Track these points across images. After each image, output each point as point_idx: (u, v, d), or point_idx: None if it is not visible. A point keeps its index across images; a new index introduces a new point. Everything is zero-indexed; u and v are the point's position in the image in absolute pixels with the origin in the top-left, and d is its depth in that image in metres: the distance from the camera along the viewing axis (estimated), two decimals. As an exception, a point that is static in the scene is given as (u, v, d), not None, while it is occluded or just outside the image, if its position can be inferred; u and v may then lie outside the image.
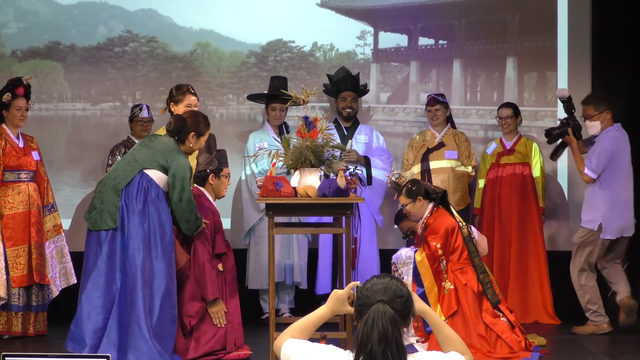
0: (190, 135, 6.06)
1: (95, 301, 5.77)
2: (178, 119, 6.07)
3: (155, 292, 5.78)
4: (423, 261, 6.26)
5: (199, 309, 6.10)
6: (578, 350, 6.56)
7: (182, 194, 5.87)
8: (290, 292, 7.68)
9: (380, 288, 3.04)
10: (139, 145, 6.12)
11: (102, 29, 8.24)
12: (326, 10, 8.26)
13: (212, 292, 6.11)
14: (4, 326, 6.91)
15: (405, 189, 6.46)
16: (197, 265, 6.12)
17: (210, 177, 6.40)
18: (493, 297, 6.26)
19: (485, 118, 8.28)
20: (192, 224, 5.98)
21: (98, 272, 5.79)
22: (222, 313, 6.15)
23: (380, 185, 7.65)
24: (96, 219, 5.85)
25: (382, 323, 2.95)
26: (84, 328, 5.75)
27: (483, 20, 8.33)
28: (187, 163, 5.95)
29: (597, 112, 7.11)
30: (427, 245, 6.27)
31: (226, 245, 6.40)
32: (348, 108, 7.70)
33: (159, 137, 6.12)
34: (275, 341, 3.24)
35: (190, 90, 6.65)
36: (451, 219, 6.35)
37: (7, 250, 6.84)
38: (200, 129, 6.10)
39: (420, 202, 6.41)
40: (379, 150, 7.74)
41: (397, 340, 2.96)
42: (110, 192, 5.87)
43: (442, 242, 6.26)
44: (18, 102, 6.98)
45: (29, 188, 6.97)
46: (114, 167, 6.07)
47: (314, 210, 6.19)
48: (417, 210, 6.45)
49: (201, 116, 6.18)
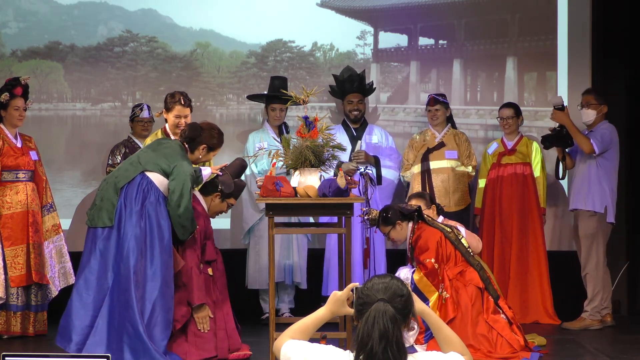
0: (201, 147, 6.06)
1: (85, 298, 5.75)
2: (194, 129, 6.05)
3: (147, 293, 5.74)
4: (422, 280, 6.26)
5: (184, 313, 6.04)
6: (578, 350, 6.56)
7: (180, 200, 5.83)
8: (290, 292, 7.68)
9: (381, 287, 3.05)
10: (146, 147, 6.12)
11: (102, 29, 8.24)
12: (326, 10, 8.26)
13: (198, 297, 6.05)
14: (3, 326, 6.91)
15: (382, 219, 6.44)
16: (184, 270, 6.07)
17: (216, 195, 6.36)
18: (494, 293, 6.27)
19: (485, 118, 8.28)
20: (187, 230, 5.94)
21: (90, 269, 5.78)
22: (207, 319, 6.10)
23: (389, 185, 7.67)
24: (94, 216, 5.85)
25: (383, 321, 2.96)
26: (72, 324, 5.73)
27: (483, 20, 8.33)
28: (189, 170, 5.92)
29: (597, 103, 7.25)
30: (423, 265, 6.27)
31: (216, 251, 6.37)
32: (355, 110, 7.69)
33: (168, 142, 6.11)
34: (274, 342, 3.24)
35: (181, 101, 6.48)
36: (435, 231, 6.34)
37: (5, 250, 6.84)
38: (213, 143, 6.11)
39: (400, 225, 6.41)
40: (388, 150, 7.74)
41: (398, 339, 2.96)
42: (110, 190, 5.87)
43: (435, 256, 6.27)
44: (16, 102, 6.98)
45: (27, 188, 6.97)
46: (119, 166, 6.07)
47: (314, 210, 6.19)
48: (400, 235, 6.44)
49: (217, 131, 6.16)
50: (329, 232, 7.34)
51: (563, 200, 8.12)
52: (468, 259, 6.31)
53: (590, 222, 7.23)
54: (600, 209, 7.19)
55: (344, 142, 7.09)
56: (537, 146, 7.79)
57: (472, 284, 6.23)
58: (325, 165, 5.97)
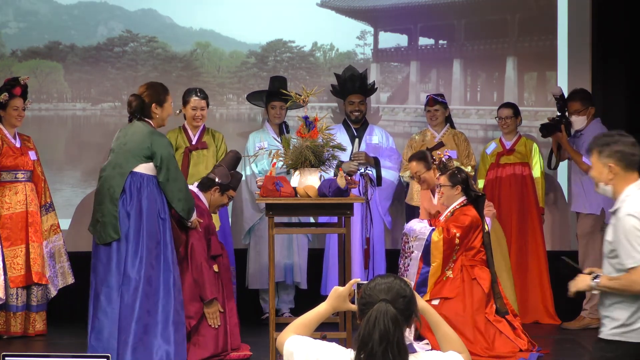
0: (152, 107, 6.01)
1: (112, 314, 5.79)
2: (134, 99, 6.00)
3: (160, 300, 5.82)
4: (438, 243, 6.27)
5: (198, 309, 6.09)
6: (578, 350, 6.56)
7: (168, 174, 5.87)
8: (290, 292, 7.68)
9: (383, 287, 3.04)
10: (117, 145, 6.02)
11: (102, 29, 8.24)
12: (326, 10, 8.26)
13: (210, 292, 6.10)
14: (3, 326, 6.90)
15: (450, 172, 6.46)
16: (195, 266, 6.10)
17: (215, 189, 6.38)
18: (502, 307, 6.29)
19: (485, 118, 8.28)
20: (184, 203, 5.93)
21: (109, 286, 5.81)
22: (218, 314, 6.13)
23: (389, 186, 7.66)
24: (101, 233, 5.87)
25: (384, 322, 2.95)
26: (108, 341, 5.76)
27: (483, 20, 8.33)
28: (166, 141, 5.95)
29: (584, 108, 7.27)
30: (447, 230, 6.29)
31: (221, 246, 6.39)
32: (356, 111, 7.68)
33: (129, 127, 6.03)
34: (278, 337, 3.25)
35: (197, 93, 7.13)
36: (479, 221, 6.39)
37: (4, 250, 6.83)
38: (160, 98, 6.02)
39: (457, 191, 6.42)
40: (388, 151, 7.73)
41: (399, 340, 2.95)
42: (108, 204, 5.87)
43: (462, 233, 6.28)
44: (15, 102, 6.99)
45: (26, 188, 6.97)
46: (104, 175, 5.98)
47: (314, 210, 6.19)
48: (449, 196, 6.45)
49: (155, 85, 6.09)
50: (329, 232, 7.34)
51: (562, 200, 8.12)
52: (490, 266, 6.36)
53: (586, 221, 7.28)
54: (596, 211, 7.22)
55: (344, 142, 7.09)
56: (536, 146, 7.79)
57: (478, 282, 6.25)
58: (325, 165, 5.97)
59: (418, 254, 6.34)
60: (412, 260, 6.42)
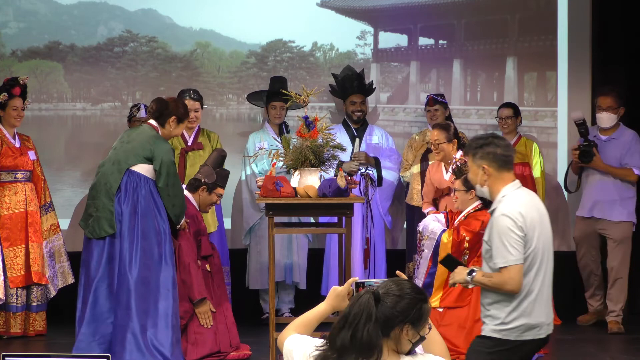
0: (171, 119, 6.05)
1: (103, 307, 5.80)
2: (160, 102, 6.08)
3: (152, 300, 5.82)
4: (447, 244, 6.25)
5: (187, 309, 6.08)
6: (578, 350, 6.56)
7: (167, 179, 5.89)
8: (290, 292, 7.68)
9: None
10: (120, 142, 6.10)
11: (102, 29, 8.24)
12: (326, 10, 8.25)
13: (198, 292, 6.09)
14: (3, 326, 6.90)
15: (465, 177, 6.42)
16: (182, 266, 6.10)
17: (202, 189, 6.40)
18: None
19: (485, 118, 8.28)
20: (178, 209, 5.98)
21: (101, 280, 5.83)
22: (209, 313, 6.13)
23: (389, 186, 7.66)
24: (94, 227, 5.87)
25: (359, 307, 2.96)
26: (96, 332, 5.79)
27: (483, 20, 8.33)
28: (168, 147, 5.99)
29: (617, 106, 7.16)
30: (457, 232, 6.27)
31: (212, 247, 6.40)
32: (358, 112, 7.68)
33: (137, 129, 6.13)
34: (278, 336, 3.27)
35: (190, 95, 7.06)
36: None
37: (4, 250, 6.83)
38: (181, 114, 6.10)
39: (472, 195, 6.35)
40: (388, 151, 7.73)
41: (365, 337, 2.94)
42: (103, 198, 5.88)
43: (472, 238, 6.24)
44: (14, 102, 6.99)
45: (25, 188, 6.97)
46: (102, 170, 6.02)
47: (314, 210, 6.20)
48: (463, 200, 6.40)
49: (182, 102, 6.25)
50: (329, 232, 7.34)
51: (563, 201, 8.11)
52: None
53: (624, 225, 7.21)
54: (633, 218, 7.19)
55: (344, 142, 7.09)
56: (536, 146, 7.78)
57: None
58: (325, 165, 5.97)
59: (428, 253, 6.32)
60: (422, 260, 6.40)
